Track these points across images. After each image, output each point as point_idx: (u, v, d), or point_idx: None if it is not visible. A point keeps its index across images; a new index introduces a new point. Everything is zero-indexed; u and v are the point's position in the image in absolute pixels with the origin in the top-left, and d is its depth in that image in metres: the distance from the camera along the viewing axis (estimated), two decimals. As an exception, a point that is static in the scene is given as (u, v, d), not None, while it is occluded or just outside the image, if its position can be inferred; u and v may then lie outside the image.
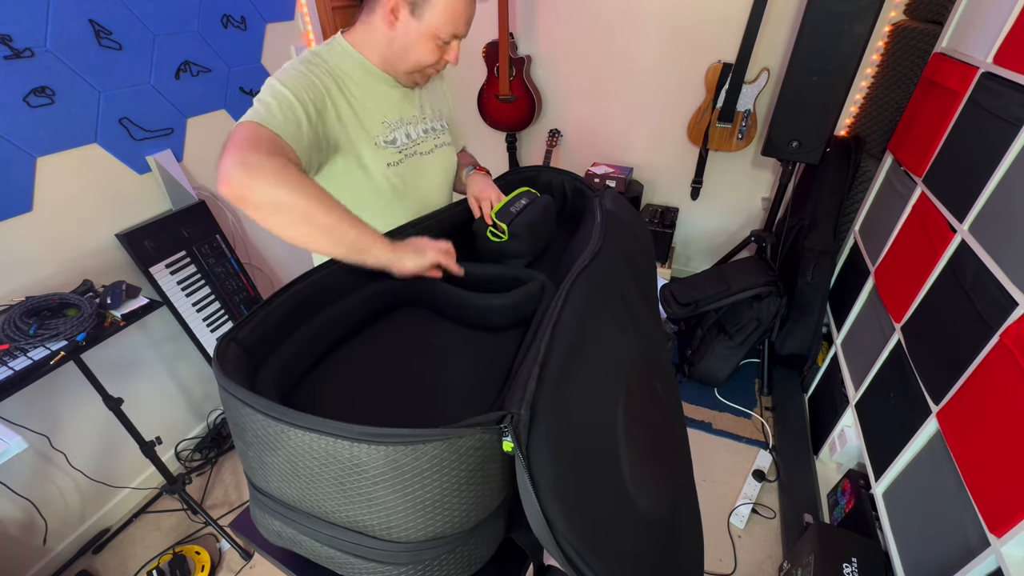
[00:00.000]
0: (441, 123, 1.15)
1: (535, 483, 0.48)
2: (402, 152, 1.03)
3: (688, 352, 2.33)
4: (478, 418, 0.50)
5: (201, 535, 1.74)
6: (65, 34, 1.37)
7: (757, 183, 2.59)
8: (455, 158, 1.20)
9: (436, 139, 1.12)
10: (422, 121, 1.09)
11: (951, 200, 1.35)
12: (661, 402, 0.83)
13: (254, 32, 1.95)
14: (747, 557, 1.65)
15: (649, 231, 1.32)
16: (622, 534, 0.59)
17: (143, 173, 1.66)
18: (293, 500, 0.56)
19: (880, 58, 2.06)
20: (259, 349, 0.67)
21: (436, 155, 1.12)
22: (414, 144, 1.06)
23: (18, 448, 1.11)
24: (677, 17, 2.31)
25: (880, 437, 1.51)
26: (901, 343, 1.46)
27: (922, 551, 1.22)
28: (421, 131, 1.08)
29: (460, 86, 2.90)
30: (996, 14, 1.28)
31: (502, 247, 0.99)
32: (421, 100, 1.10)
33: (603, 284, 0.78)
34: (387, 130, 1.00)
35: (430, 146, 1.10)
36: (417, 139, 1.07)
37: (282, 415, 0.50)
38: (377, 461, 0.47)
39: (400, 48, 0.93)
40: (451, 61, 0.95)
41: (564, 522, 0.48)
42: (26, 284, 1.41)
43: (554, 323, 0.63)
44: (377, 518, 0.51)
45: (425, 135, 1.09)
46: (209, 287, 1.85)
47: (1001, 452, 1.00)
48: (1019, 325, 1.01)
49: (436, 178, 1.13)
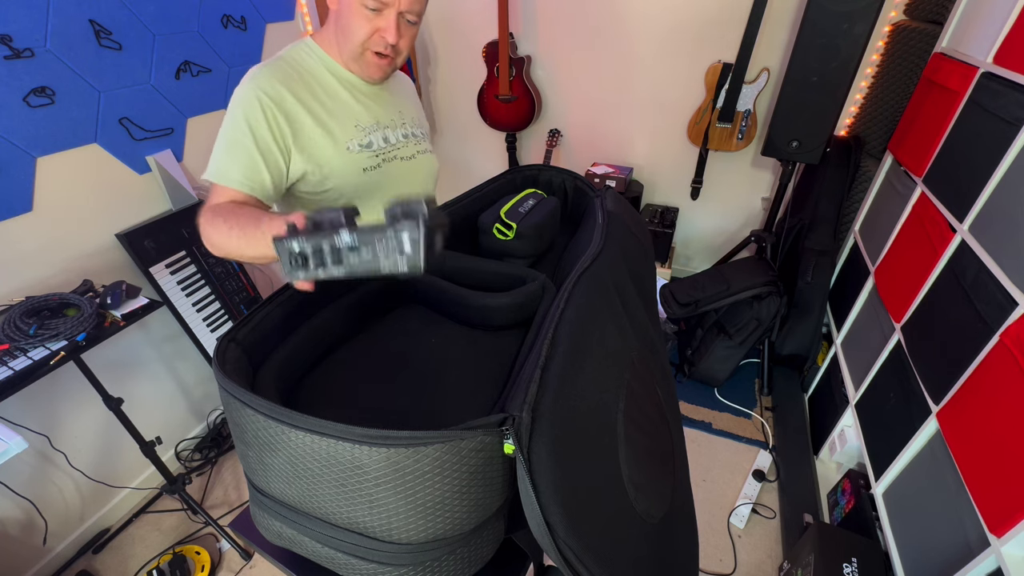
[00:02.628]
0: (422, 131, 1.14)
1: (536, 486, 0.48)
2: (379, 156, 1.01)
3: (688, 352, 2.33)
4: (479, 420, 0.50)
5: (201, 535, 1.74)
6: (65, 34, 1.37)
7: (757, 183, 2.59)
8: (437, 165, 1.18)
9: (418, 145, 1.10)
10: (401, 126, 1.07)
11: (951, 200, 1.35)
12: (659, 404, 0.83)
13: (254, 32, 1.95)
14: (747, 557, 1.65)
15: (649, 232, 1.31)
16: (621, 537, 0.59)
17: (143, 173, 1.66)
18: (294, 501, 0.56)
19: (880, 58, 2.05)
20: (259, 349, 0.67)
21: (418, 160, 1.10)
22: (393, 148, 1.04)
23: (18, 448, 1.11)
24: (677, 17, 2.31)
25: (880, 437, 1.51)
26: (901, 343, 1.46)
27: (922, 551, 1.22)
28: (400, 136, 1.06)
29: (460, 86, 2.90)
30: (996, 14, 1.28)
31: (506, 246, 0.99)
32: (400, 106, 1.09)
33: (604, 285, 0.78)
34: (361, 134, 0.99)
35: (411, 151, 1.08)
36: (396, 143, 1.05)
37: (283, 416, 0.50)
38: (379, 463, 0.47)
39: (343, 29, 0.91)
40: (387, 36, 0.89)
41: (564, 525, 0.48)
42: (26, 284, 1.41)
43: (556, 325, 0.62)
44: (378, 519, 0.51)
45: (405, 140, 1.07)
46: (209, 287, 1.84)
47: (1001, 452, 1.00)
48: (1019, 325, 1.01)
49: (417, 184, 1.11)
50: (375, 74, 0.97)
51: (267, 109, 0.88)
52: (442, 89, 3.00)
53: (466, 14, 2.66)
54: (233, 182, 0.87)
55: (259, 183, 0.89)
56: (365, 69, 0.96)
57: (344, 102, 0.98)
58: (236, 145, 0.88)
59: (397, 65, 0.99)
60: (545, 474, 0.49)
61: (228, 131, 0.89)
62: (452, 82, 2.94)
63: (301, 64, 0.95)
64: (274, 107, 0.89)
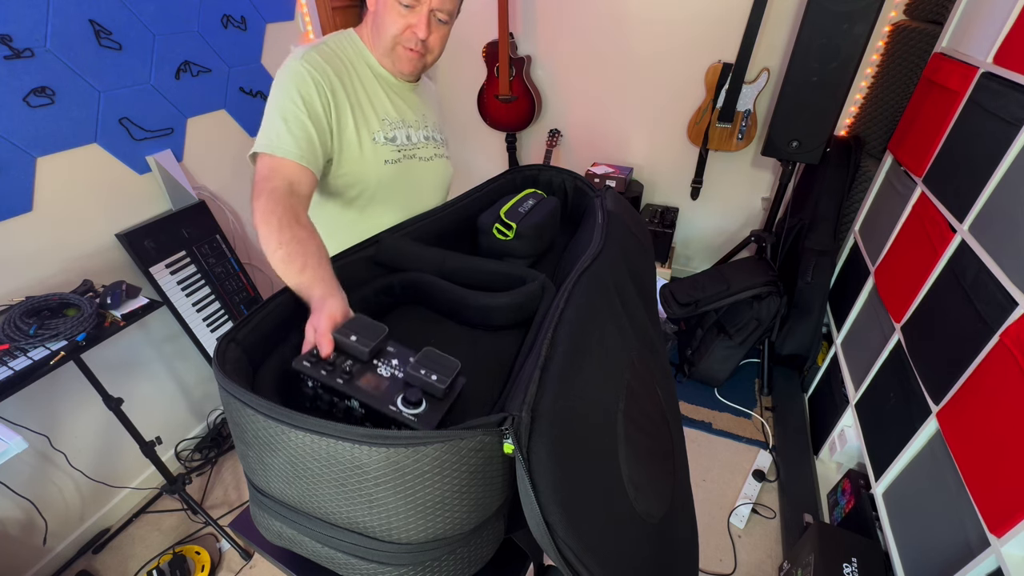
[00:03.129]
0: (442, 136, 1.16)
1: (535, 486, 0.48)
2: (400, 151, 1.04)
3: (688, 352, 2.33)
4: (479, 420, 0.50)
5: (201, 535, 1.74)
6: (65, 34, 1.37)
7: (757, 183, 2.59)
8: (452, 171, 1.20)
9: (437, 149, 1.13)
10: (423, 128, 1.10)
11: (951, 200, 1.35)
12: (659, 404, 0.83)
13: (254, 32, 1.95)
14: (747, 557, 1.65)
15: (649, 232, 1.31)
16: (621, 537, 0.59)
17: (143, 173, 1.66)
18: (293, 501, 0.56)
19: (880, 58, 2.06)
20: (259, 349, 0.67)
21: (435, 163, 1.12)
22: (414, 147, 1.06)
23: (18, 448, 1.11)
24: (677, 17, 2.31)
25: (880, 437, 1.51)
26: (901, 343, 1.46)
27: (922, 551, 1.22)
28: (422, 137, 1.09)
29: (460, 86, 2.90)
30: (996, 14, 1.28)
31: (506, 246, 0.98)
32: (424, 110, 1.11)
33: (604, 285, 0.77)
34: (387, 127, 1.01)
35: (430, 153, 1.10)
36: (417, 143, 1.07)
37: (283, 416, 0.50)
38: (378, 463, 0.47)
39: (378, 25, 0.96)
40: (418, 32, 0.94)
41: (564, 525, 0.48)
42: (26, 284, 1.41)
43: (555, 325, 0.62)
44: (378, 519, 0.51)
45: (426, 141, 1.10)
46: (209, 287, 1.84)
47: (1001, 452, 1.00)
48: (1019, 325, 1.01)
49: (431, 186, 1.13)
50: (406, 68, 1.00)
51: (319, 85, 0.90)
52: (442, 89, 3.00)
53: (466, 14, 2.63)
54: (290, 154, 0.86)
55: (313, 157, 0.89)
56: (397, 63, 1.00)
57: (376, 94, 1.01)
58: (291, 117, 0.87)
59: (427, 63, 1.02)
60: (544, 474, 0.49)
61: (281, 103, 0.88)
62: (452, 82, 2.94)
63: (343, 52, 0.98)
64: (324, 85, 0.91)
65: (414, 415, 0.54)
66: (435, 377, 0.56)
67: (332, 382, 0.56)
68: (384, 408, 0.54)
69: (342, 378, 0.57)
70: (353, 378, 0.57)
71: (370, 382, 0.57)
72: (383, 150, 1.00)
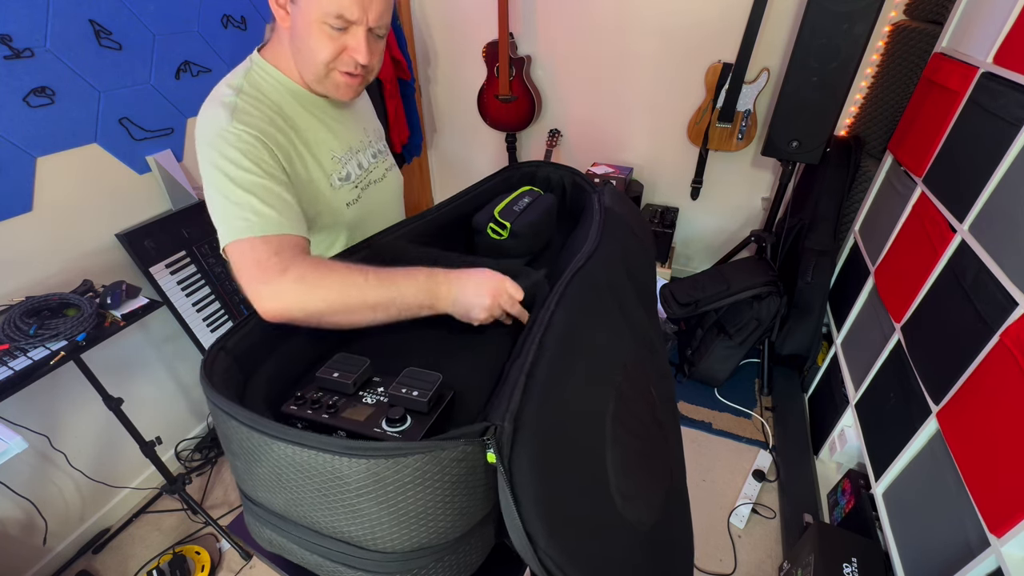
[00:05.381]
0: (383, 143, 1.06)
1: (517, 498, 0.47)
2: (357, 186, 0.94)
3: (688, 352, 2.33)
4: (461, 430, 0.49)
5: (201, 535, 1.74)
6: (65, 34, 1.37)
7: (757, 183, 2.59)
8: (402, 178, 1.11)
9: (385, 162, 1.03)
10: (369, 145, 0.99)
11: (951, 200, 1.35)
12: (655, 407, 0.82)
13: (254, 32, 1.95)
14: (747, 557, 1.65)
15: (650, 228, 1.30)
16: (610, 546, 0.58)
17: (143, 173, 1.66)
18: (280, 509, 0.56)
19: (880, 58, 2.05)
20: (250, 357, 0.66)
21: (388, 179, 1.03)
22: (367, 173, 0.97)
23: (18, 448, 1.11)
24: (677, 17, 2.31)
25: (880, 437, 1.50)
26: (901, 343, 1.46)
27: (922, 551, 1.22)
28: (371, 157, 0.99)
29: (460, 86, 2.90)
30: (996, 14, 1.28)
31: (502, 245, 0.98)
32: (363, 122, 1.00)
33: (598, 285, 0.76)
34: (338, 166, 0.90)
35: (381, 171, 1.01)
36: (369, 167, 0.98)
37: (264, 427, 0.50)
38: (358, 474, 0.47)
39: (300, 48, 0.80)
40: (358, 57, 0.79)
41: (546, 537, 0.48)
42: (26, 284, 1.41)
43: (544, 328, 0.61)
44: (361, 529, 0.51)
45: (375, 160, 1.00)
46: (209, 287, 1.85)
47: (1001, 452, 1.00)
48: (1019, 325, 1.01)
49: (391, 206, 1.05)
50: (345, 95, 0.86)
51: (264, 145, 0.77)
52: (442, 89, 3.00)
53: (466, 14, 2.66)
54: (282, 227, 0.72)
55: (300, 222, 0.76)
56: (334, 92, 0.85)
57: (315, 131, 0.87)
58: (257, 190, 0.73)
59: (368, 82, 0.88)
60: (527, 485, 0.48)
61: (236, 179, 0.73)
62: (452, 82, 2.94)
63: (265, 93, 0.83)
64: (268, 142, 0.78)
65: (399, 432, 0.55)
66: (416, 393, 0.57)
67: (319, 419, 0.57)
68: (369, 432, 0.55)
69: (327, 413, 0.58)
70: (339, 411, 0.58)
71: (356, 412, 0.58)
72: (341, 194, 0.90)
